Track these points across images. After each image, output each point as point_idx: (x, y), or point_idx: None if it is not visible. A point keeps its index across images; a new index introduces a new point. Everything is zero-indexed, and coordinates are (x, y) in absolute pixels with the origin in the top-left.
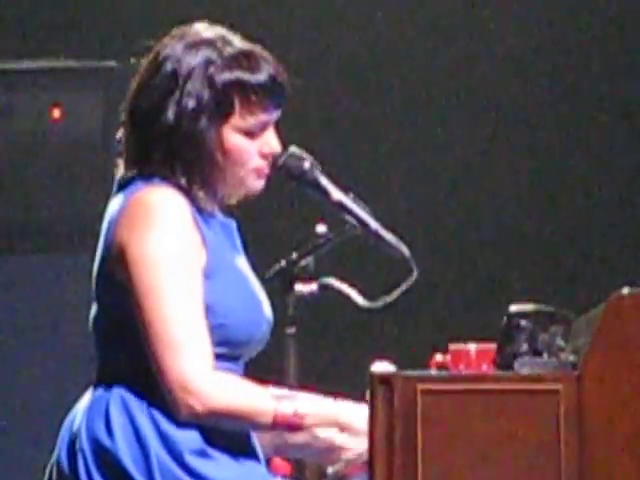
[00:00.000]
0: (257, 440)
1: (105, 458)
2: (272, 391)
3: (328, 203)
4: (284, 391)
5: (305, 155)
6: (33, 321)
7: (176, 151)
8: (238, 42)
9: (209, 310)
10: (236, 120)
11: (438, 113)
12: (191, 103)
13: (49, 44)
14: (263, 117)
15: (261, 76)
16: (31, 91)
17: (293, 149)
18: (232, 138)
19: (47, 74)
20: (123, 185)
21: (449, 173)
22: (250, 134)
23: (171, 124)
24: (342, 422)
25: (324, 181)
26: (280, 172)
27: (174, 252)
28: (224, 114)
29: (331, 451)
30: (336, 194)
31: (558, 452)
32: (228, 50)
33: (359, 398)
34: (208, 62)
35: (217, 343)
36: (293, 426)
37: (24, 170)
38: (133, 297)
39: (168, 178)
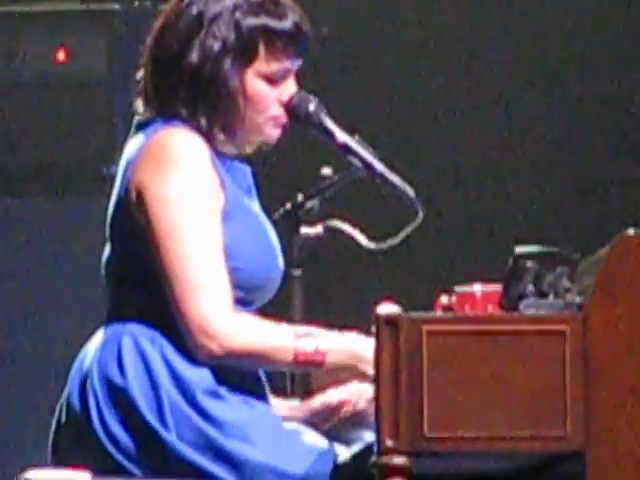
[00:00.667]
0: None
1: (117, 396)
2: (292, 329)
3: (333, 145)
4: (304, 328)
5: (311, 97)
6: (40, 263)
7: (198, 93)
8: None
9: (225, 253)
10: (260, 65)
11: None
12: (216, 45)
13: None
14: (286, 64)
15: (287, 23)
16: (36, 33)
17: (299, 91)
18: (254, 83)
19: (52, 16)
20: (142, 125)
21: (454, 114)
22: (272, 81)
23: (195, 66)
24: (358, 355)
25: (329, 123)
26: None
27: (194, 193)
28: (248, 58)
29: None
30: (341, 136)
31: (563, 393)
32: None
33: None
34: (235, 6)
35: (232, 286)
36: (314, 363)
37: (29, 112)
38: (152, 238)
39: (189, 120)
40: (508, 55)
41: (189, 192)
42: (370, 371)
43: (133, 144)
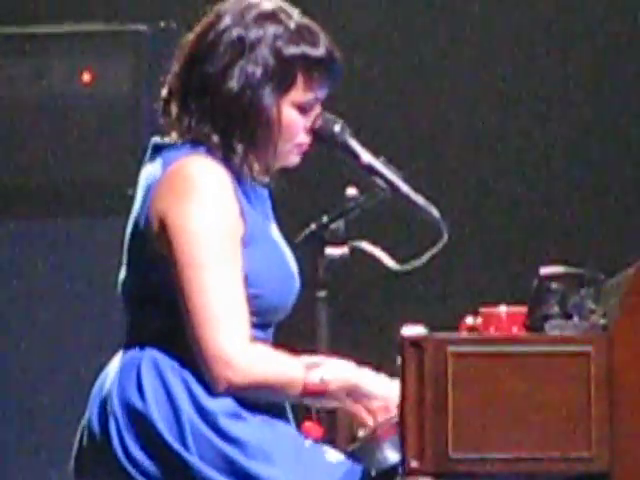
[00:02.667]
0: None
1: (137, 420)
2: (302, 360)
3: (358, 166)
4: (311, 359)
5: (336, 119)
6: (64, 284)
7: (236, 120)
8: (296, 15)
9: (245, 280)
10: (296, 94)
11: (468, 76)
12: (258, 72)
13: (79, 8)
14: (318, 94)
15: (321, 50)
16: (61, 55)
17: (324, 113)
18: (289, 112)
19: (77, 37)
20: (159, 148)
21: (477, 135)
22: (303, 110)
23: (235, 92)
24: (360, 388)
25: (354, 144)
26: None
27: (215, 225)
28: (287, 87)
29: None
30: (366, 157)
31: (589, 414)
32: (291, 23)
33: (388, 362)
34: (276, 34)
35: (250, 313)
36: (318, 393)
37: (54, 133)
38: (174, 269)
39: (220, 147)
40: (534, 73)
41: (209, 224)
42: (369, 405)
43: (152, 168)
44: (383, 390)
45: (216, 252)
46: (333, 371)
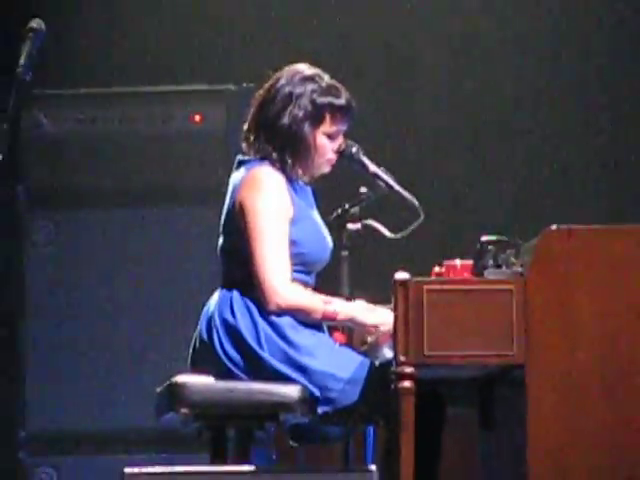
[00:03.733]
0: None
1: (230, 330)
2: (321, 297)
3: (367, 173)
4: (327, 298)
5: (354, 143)
6: (166, 263)
7: (287, 143)
8: (327, 78)
9: (294, 244)
10: (325, 127)
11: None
12: (300, 114)
13: (193, 72)
14: (340, 127)
15: (342, 101)
16: (181, 105)
17: (347, 140)
18: (321, 139)
19: (192, 94)
20: (242, 162)
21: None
22: (331, 137)
23: (286, 127)
24: (356, 319)
25: (365, 159)
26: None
27: (272, 207)
28: (319, 123)
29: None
30: (372, 167)
31: (511, 328)
32: (323, 83)
33: (388, 298)
34: (312, 90)
35: (298, 264)
36: (331, 319)
37: (173, 155)
38: (246, 235)
39: (277, 160)
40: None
41: (270, 207)
42: (366, 329)
43: (237, 175)
44: (373, 320)
45: (272, 224)
46: (343, 307)
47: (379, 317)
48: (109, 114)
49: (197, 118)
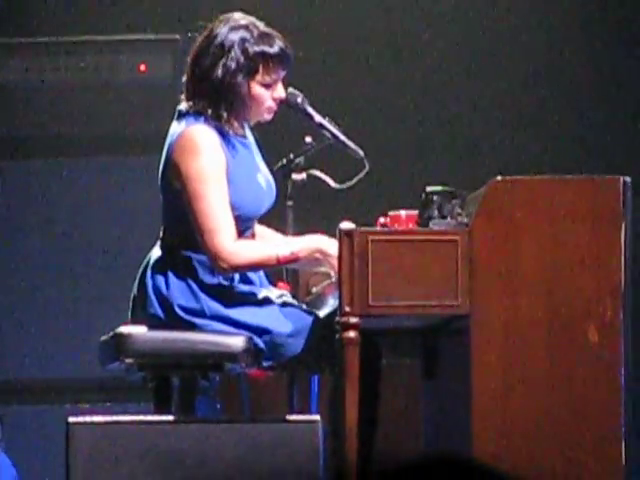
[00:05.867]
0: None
1: (162, 300)
2: (275, 243)
3: (312, 123)
4: (284, 239)
5: (299, 92)
6: (109, 213)
7: (221, 95)
8: (262, 26)
9: (231, 206)
10: (259, 77)
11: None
12: (233, 65)
13: (140, 21)
14: (275, 76)
15: (275, 49)
16: (127, 53)
17: (291, 89)
18: (256, 89)
19: (138, 43)
20: (181, 115)
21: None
22: (267, 86)
23: (219, 78)
24: (322, 249)
25: (310, 109)
26: (283, 104)
27: (208, 168)
28: (252, 73)
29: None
30: (317, 117)
31: (456, 278)
32: (256, 32)
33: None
34: (244, 39)
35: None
36: (292, 261)
37: (122, 104)
38: (185, 199)
39: (211, 116)
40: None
41: (206, 170)
42: (332, 260)
43: (174, 129)
44: (335, 251)
45: (209, 186)
46: (301, 244)
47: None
48: (56, 63)
49: (143, 67)
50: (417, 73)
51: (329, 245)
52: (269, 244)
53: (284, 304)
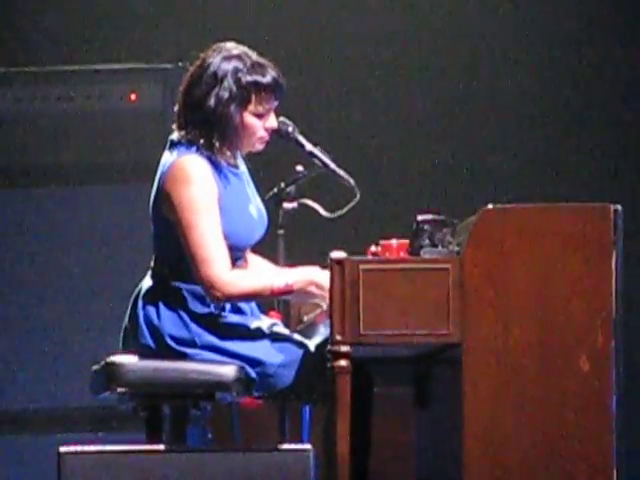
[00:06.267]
0: None
1: (152, 330)
2: (269, 273)
3: (304, 152)
4: (278, 270)
5: (290, 122)
6: (104, 237)
7: (214, 125)
8: (255, 56)
9: (223, 235)
10: (252, 107)
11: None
12: (225, 95)
13: (131, 51)
14: (268, 105)
15: (268, 79)
16: (117, 83)
17: (282, 118)
18: (248, 119)
19: (128, 72)
20: (173, 145)
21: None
22: (259, 116)
23: (212, 108)
24: (316, 282)
25: (301, 138)
26: (274, 133)
27: (200, 199)
28: (245, 103)
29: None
30: (309, 146)
31: (448, 307)
32: (249, 61)
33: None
34: (237, 69)
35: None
36: (286, 292)
37: (110, 133)
38: (178, 229)
39: (204, 146)
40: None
41: (198, 200)
42: (326, 293)
43: (167, 158)
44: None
45: (202, 216)
46: (296, 276)
47: None
48: (46, 92)
49: (133, 97)
50: (407, 102)
51: (323, 278)
52: (264, 275)
53: (276, 334)
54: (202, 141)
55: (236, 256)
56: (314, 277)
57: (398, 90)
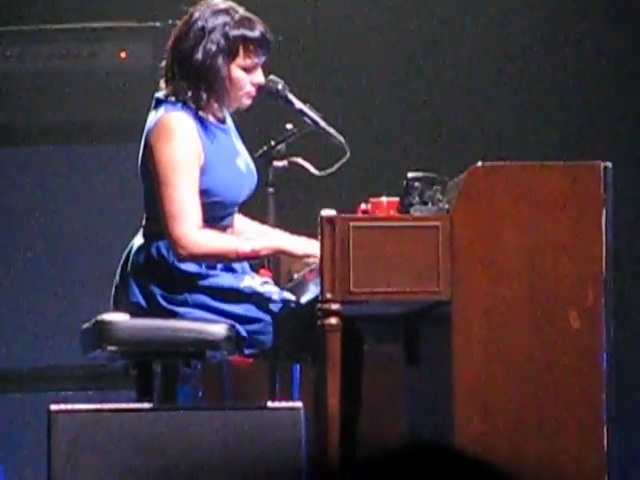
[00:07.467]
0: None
1: (143, 288)
2: (236, 237)
3: (293, 110)
4: (249, 235)
5: (279, 80)
6: (91, 193)
7: (201, 78)
8: (242, 11)
9: (205, 193)
10: (239, 61)
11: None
12: (213, 48)
13: (121, 9)
14: (255, 60)
15: (256, 33)
16: (108, 41)
17: (271, 77)
18: (236, 72)
19: (118, 30)
20: (159, 102)
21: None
22: (247, 70)
23: (199, 62)
24: (284, 249)
25: (291, 96)
26: (264, 91)
27: (180, 158)
28: (232, 56)
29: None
30: (298, 104)
31: (437, 265)
32: (237, 16)
33: (314, 233)
34: (225, 23)
35: (210, 212)
36: (252, 258)
37: (100, 91)
38: (156, 183)
39: (189, 101)
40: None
41: (175, 156)
42: (294, 254)
43: (153, 116)
44: (302, 251)
45: (178, 173)
46: (263, 242)
47: (307, 247)
48: (35, 51)
49: (123, 55)
50: (398, 59)
51: (294, 246)
52: (232, 238)
53: (266, 292)
54: (189, 94)
55: (225, 213)
56: (283, 245)
57: (389, 47)
